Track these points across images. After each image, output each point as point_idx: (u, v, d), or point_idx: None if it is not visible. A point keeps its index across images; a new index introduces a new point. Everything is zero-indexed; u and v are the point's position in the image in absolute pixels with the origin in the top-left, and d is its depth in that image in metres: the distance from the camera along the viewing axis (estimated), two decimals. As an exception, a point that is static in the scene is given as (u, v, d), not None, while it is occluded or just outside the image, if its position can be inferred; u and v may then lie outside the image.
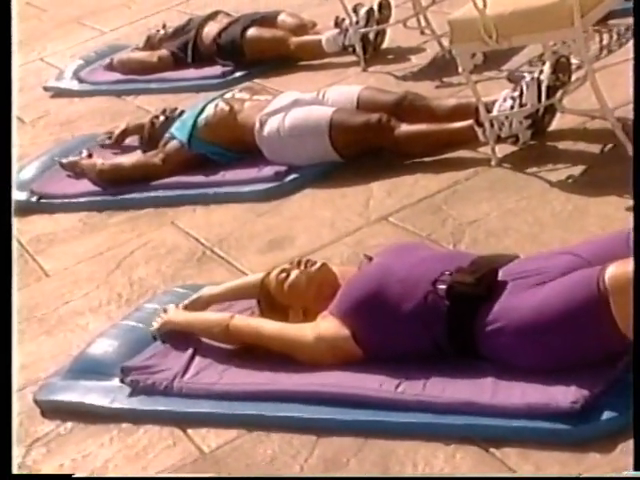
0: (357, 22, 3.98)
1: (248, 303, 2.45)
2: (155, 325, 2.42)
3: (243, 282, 2.45)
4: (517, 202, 2.74)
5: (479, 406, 1.90)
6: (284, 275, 2.25)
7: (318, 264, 2.25)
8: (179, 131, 3.51)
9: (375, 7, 3.98)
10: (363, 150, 3.20)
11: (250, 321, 2.27)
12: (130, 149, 3.77)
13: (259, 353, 2.25)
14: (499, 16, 2.81)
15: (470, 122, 2.99)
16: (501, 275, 2.02)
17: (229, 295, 2.44)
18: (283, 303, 2.25)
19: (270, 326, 2.21)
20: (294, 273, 2.24)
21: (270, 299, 2.27)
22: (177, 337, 2.42)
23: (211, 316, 2.37)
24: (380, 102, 3.27)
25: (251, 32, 4.30)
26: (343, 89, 3.45)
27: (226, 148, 3.42)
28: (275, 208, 3.16)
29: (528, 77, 2.93)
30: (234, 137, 3.39)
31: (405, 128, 3.12)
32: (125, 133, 3.83)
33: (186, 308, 2.45)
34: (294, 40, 4.23)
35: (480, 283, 1.98)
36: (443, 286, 2.01)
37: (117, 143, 3.83)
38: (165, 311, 2.44)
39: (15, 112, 4.16)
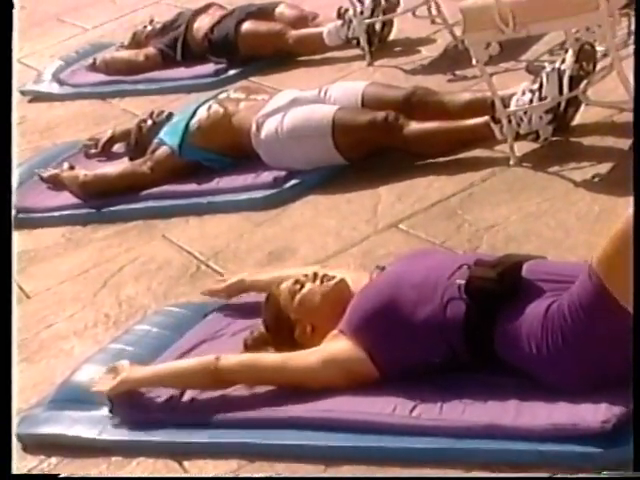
0: (362, 12, 4.00)
1: (247, 322, 2.45)
2: (103, 387, 2.27)
3: (288, 274, 2.39)
4: (539, 204, 2.74)
5: (502, 429, 1.90)
6: (297, 287, 2.24)
7: (335, 280, 2.24)
8: (169, 136, 3.52)
9: None
10: (370, 151, 3.22)
11: (242, 358, 2.21)
12: (116, 157, 3.80)
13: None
14: (516, 1, 2.81)
15: (486, 118, 3.00)
16: (525, 272, 2.01)
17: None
18: (290, 317, 2.24)
19: (269, 359, 2.17)
20: (308, 286, 2.23)
21: (277, 311, 2.27)
22: (170, 359, 2.42)
23: (186, 363, 2.26)
24: (387, 99, 3.28)
25: (246, 26, 4.33)
26: (347, 85, 3.46)
27: (220, 154, 3.44)
28: (275, 217, 3.17)
29: (549, 67, 2.94)
30: (229, 141, 3.41)
31: (415, 126, 3.13)
32: (112, 140, 3.85)
33: (222, 291, 2.42)
34: (293, 34, 4.26)
35: (503, 279, 1.96)
36: (462, 281, 2.00)
37: (103, 151, 3.85)
38: (114, 370, 2.29)
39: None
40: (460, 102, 3.20)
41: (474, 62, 2.98)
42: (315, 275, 2.26)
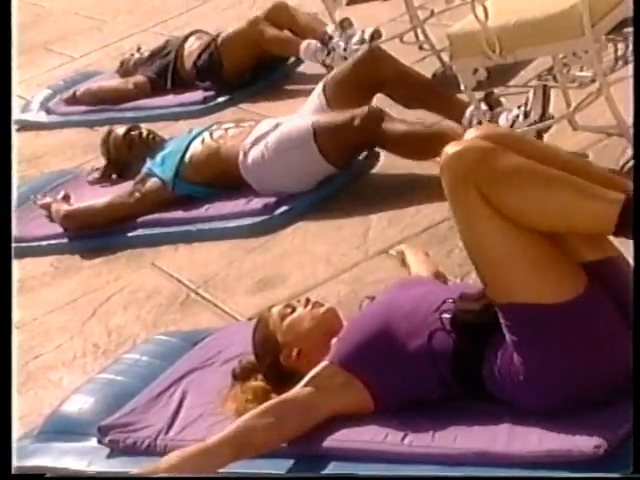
0: (345, 49, 3.99)
1: (238, 350, 2.45)
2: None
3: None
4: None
5: (493, 456, 1.90)
6: (288, 310, 2.26)
7: (325, 307, 2.25)
8: (160, 169, 3.51)
9: (367, 37, 3.98)
10: (353, 152, 3.23)
11: (230, 432, 2.06)
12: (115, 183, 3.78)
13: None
14: (502, 28, 2.85)
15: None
16: None
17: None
18: (278, 340, 2.24)
19: (261, 424, 2.06)
20: (299, 311, 2.24)
21: (265, 333, 2.26)
22: (160, 388, 2.42)
23: (196, 449, 2.05)
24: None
25: (223, 34, 4.34)
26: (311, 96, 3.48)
27: (212, 186, 3.44)
28: (264, 244, 3.17)
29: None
30: (220, 173, 3.42)
31: (397, 124, 3.14)
32: (109, 167, 3.84)
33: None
34: (269, 31, 4.23)
35: (488, 310, 1.97)
36: (448, 315, 2.01)
37: (103, 178, 3.83)
38: None
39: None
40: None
41: (462, 88, 3.00)
42: (307, 301, 2.27)
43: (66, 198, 3.66)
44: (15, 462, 2.38)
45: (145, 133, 3.73)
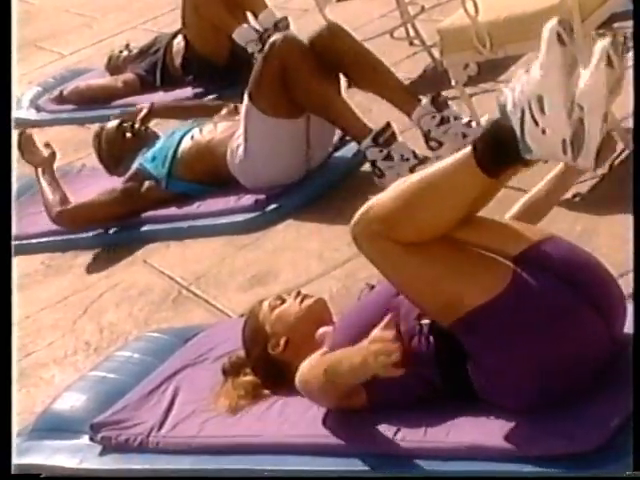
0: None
1: (229, 346, 2.45)
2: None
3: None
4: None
5: (486, 450, 1.90)
6: (278, 302, 2.27)
7: (314, 299, 2.26)
8: (151, 164, 3.50)
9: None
10: (282, 89, 3.19)
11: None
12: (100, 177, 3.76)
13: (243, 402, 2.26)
14: (492, 23, 2.85)
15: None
16: None
17: None
18: (267, 330, 2.25)
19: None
20: (289, 302, 2.26)
21: (255, 324, 2.27)
22: (152, 385, 2.42)
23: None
24: None
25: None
26: None
27: (204, 182, 3.42)
28: (256, 240, 3.17)
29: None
30: (209, 168, 3.41)
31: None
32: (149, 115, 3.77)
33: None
34: (213, 8, 4.18)
35: None
36: (427, 321, 2.02)
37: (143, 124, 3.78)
38: None
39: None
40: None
41: (453, 83, 3.00)
42: (298, 293, 2.28)
43: (63, 199, 3.62)
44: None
45: (138, 125, 3.72)
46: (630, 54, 2.81)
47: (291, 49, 3.21)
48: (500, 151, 1.82)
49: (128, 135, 3.66)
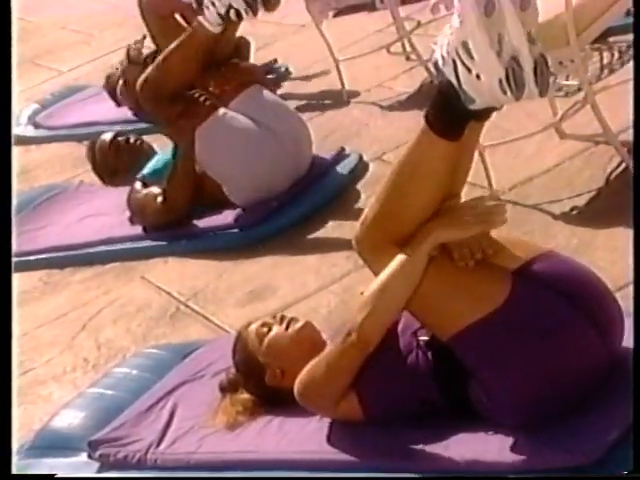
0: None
1: (228, 362, 2.44)
2: None
3: None
4: (518, 238, 2.76)
5: (486, 465, 1.89)
6: (265, 330, 2.24)
7: (301, 323, 2.24)
8: (153, 178, 3.50)
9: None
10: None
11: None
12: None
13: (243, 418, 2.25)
14: (488, 38, 2.85)
15: None
16: None
17: None
18: (260, 361, 2.24)
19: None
20: (275, 329, 2.23)
21: (246, 355, 2.26)
22: (150, 401, 2.41)
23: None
24: None
25: None
26: None
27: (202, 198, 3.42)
28: (254, 256, 3.17)
29: None
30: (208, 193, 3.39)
31: None
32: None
33: None
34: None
35: None
36: (424, 337, 2.02)
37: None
38: None
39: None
40: None
41: (449, 98, 3.00)
42: (282, 318, 2.25)
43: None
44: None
45: (132, 139, 3.72)
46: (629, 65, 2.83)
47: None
48: (449, 110, 1.81)
49: (122, 147, 3.66)
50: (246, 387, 2.28)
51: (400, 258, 1.90)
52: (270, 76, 4.50)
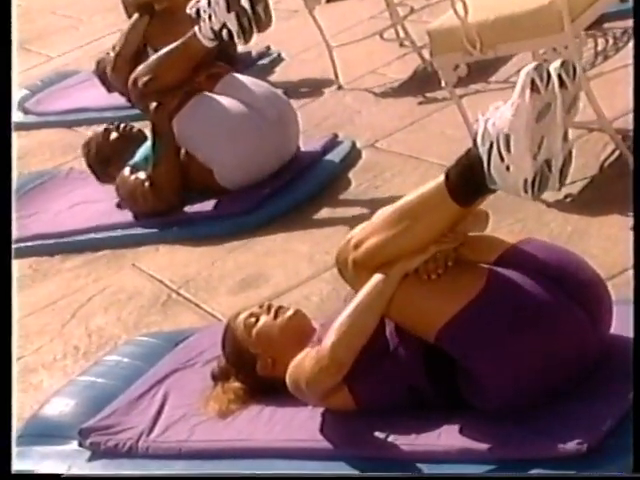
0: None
1: (219, 350, 2.45)
2: None
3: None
4: (511, 226, 2.77)
5: (477, 453, 1.90)
6: (253, 320, 2.24)
7: (290, 311, 2.24)
8: (145, 164, 3.49)
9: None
10: None
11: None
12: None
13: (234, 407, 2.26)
14: (482, 24, 2.86)
15: None
16: None
17: None
18: (251, 351, 2.24)
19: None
20: (263, 319, 2.23)
21: (236, 346, 2.26)
22: (142, 389, 2.42)
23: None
24: None
25: None
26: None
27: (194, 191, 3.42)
28: (246, 243, 3.17)
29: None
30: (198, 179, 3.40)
31: None
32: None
33: None
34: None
35: None
36: None
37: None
38: None
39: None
40: None
41: (443, 84, 3.01)
42: (269, 307, 2.26)
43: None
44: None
45: (122, 125, 3.71)
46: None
47: None
48: (470, 182, 1.90)
49: (114, 135, 3.65)
50: (237, 378, 2.29)
51: (368, 291, 1.98)
52: (262, 62, 4.51)
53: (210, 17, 3.24)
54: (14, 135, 4.63)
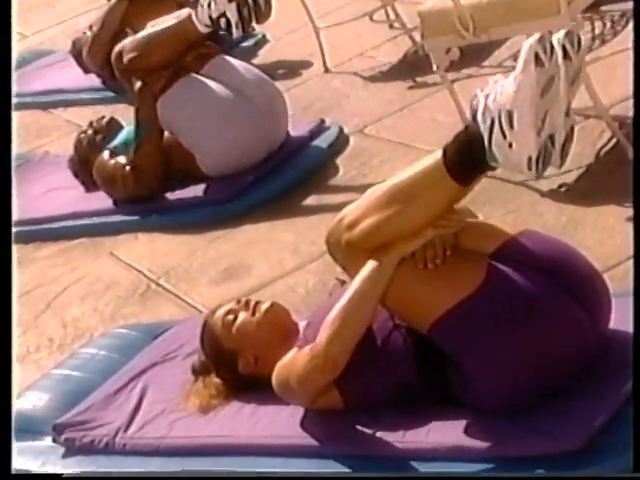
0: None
1: (197, 344, 2.45)
2: None
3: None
4: (504, 216, 2.77)
5: (468, 450, 1.91)
6: (231, 318, 2.23)
7: (266, 304, 2.24)
8: (125, 149, 3.48)
9: None
10: None
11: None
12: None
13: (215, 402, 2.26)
14: (475, 5, 2.86)
15: None
16: None
17: None
18: (231, 349, 2.24)
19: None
20: (242, 315, 2.23)
21: (216, 344, 2.26)
22: (119, 383, 2.41)
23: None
24: None
25: None
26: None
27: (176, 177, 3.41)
28: (228, 233, 3.17)
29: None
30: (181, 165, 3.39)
31: None
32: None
33: None
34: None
35: None
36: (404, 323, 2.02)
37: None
38: None
39: None
40: None
41: (435, 68, 3.01)
42: (247, 303, 2.25)
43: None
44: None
45: (90, 122, 3.68)
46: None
47: None
48: (469, 159, 1.87)
49: (89, 133, 3.63)
50: (219, 375, 2.28)
51: (363, 281, 1.96)
52: (246, 44, 4.49)
53: (210, 4, 3.24)
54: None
